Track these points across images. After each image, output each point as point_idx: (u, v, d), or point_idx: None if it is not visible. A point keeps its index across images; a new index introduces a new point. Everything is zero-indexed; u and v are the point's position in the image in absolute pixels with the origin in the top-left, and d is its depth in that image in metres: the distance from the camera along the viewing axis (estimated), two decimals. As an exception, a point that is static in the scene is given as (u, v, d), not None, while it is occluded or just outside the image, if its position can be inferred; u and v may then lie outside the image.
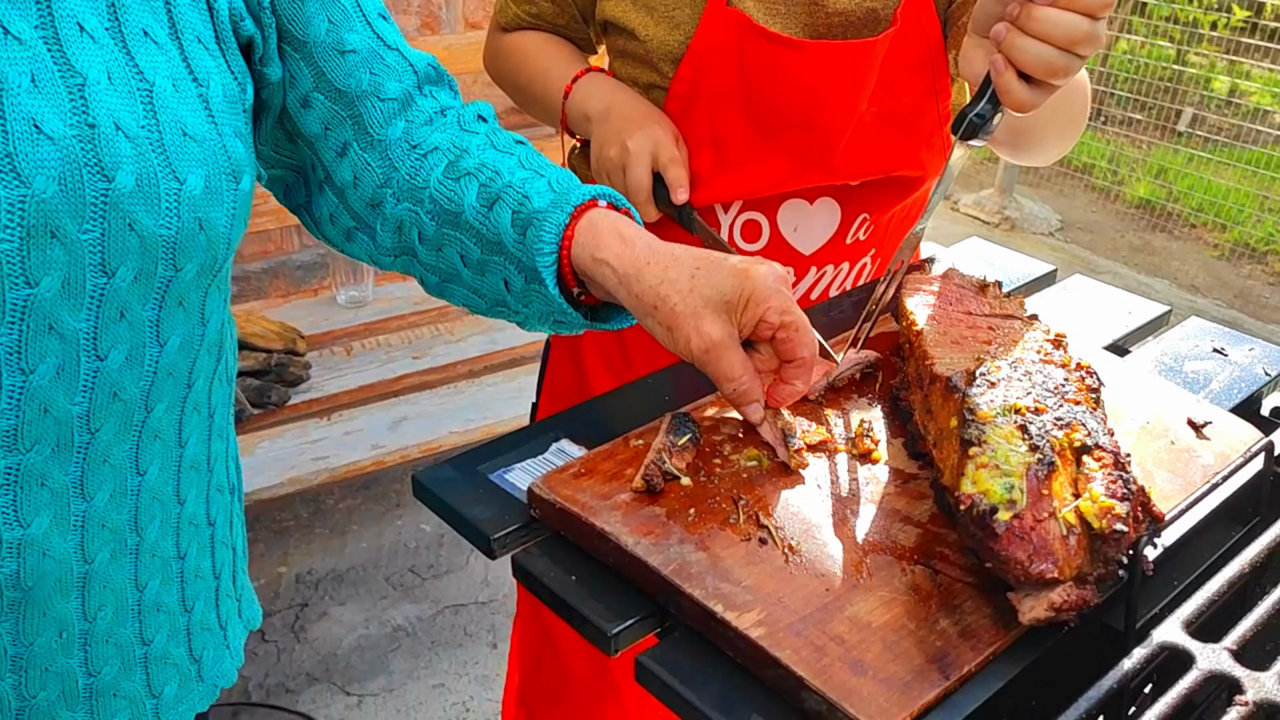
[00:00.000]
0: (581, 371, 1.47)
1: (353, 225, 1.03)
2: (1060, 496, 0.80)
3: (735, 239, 1.33)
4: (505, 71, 1.46)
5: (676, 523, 0.89)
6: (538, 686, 1.61)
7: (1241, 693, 0.78)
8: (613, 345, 1.44)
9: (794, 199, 1.32)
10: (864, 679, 0.76)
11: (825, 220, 1.33)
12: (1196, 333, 1.26)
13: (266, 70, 0.94)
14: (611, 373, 1.44)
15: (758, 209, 1.32)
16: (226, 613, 1.10)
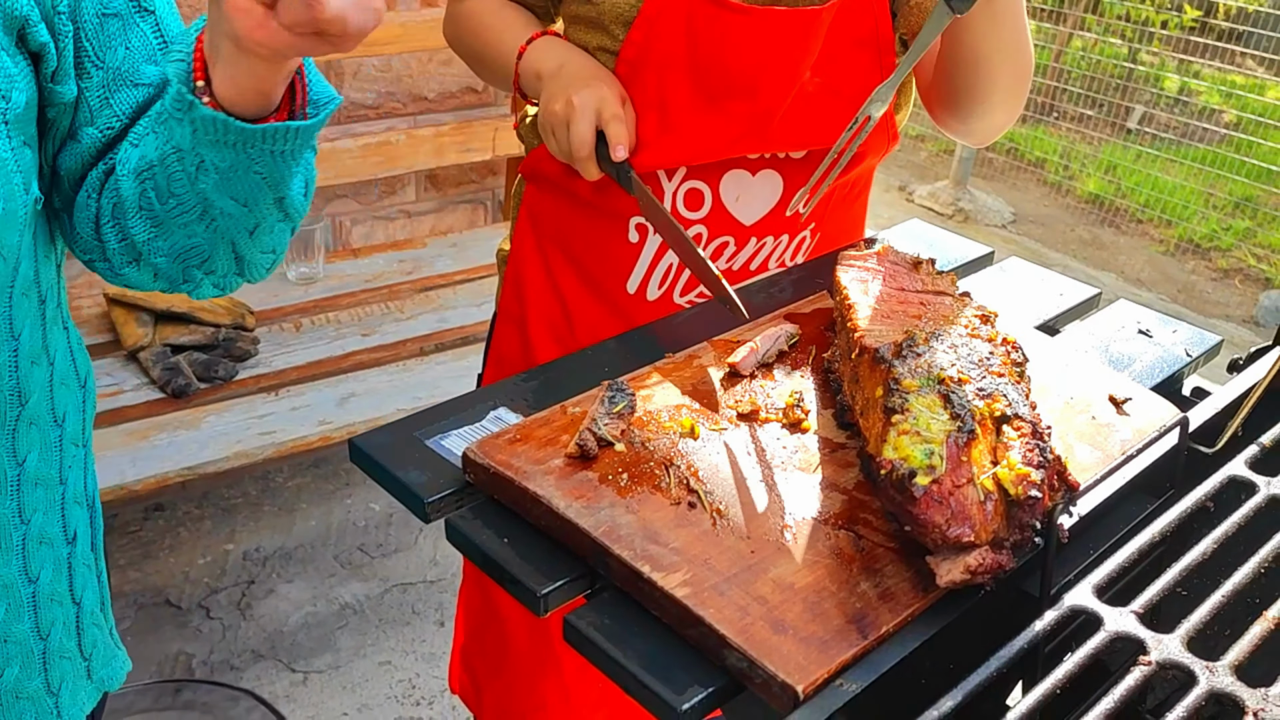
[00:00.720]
0: (527, 341, 1.48)
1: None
2: (979, 464, 0.83)
3: (678, 207, 1.34)
4: (463, 38, 1.47)
5: (608, 487, 0.90)
6: (481, 655, 1.62)
7: (1146, 653, 0.81)
8: (558, 315, 1.45)
9: (737, 169, 1.33)
10: (784, 638, 0.78)
11: (767, 191, 1.35)
12: (1125, 315, 1.30)
13: (59, 88, 0.89)
14: (558, 343, 1.46)
15: (701, 177, 1.34)
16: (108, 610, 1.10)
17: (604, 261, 1.40)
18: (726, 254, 1.38)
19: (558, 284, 1.44)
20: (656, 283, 1.39)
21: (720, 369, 1.08)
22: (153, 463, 2.05)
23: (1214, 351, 1.25)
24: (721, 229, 1.36)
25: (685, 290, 1.40)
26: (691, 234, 1.36)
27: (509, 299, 1.51)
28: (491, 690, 1.64)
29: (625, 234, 1.37)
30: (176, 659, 2.53)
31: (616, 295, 1.41)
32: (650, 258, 1.38)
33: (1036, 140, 5.95)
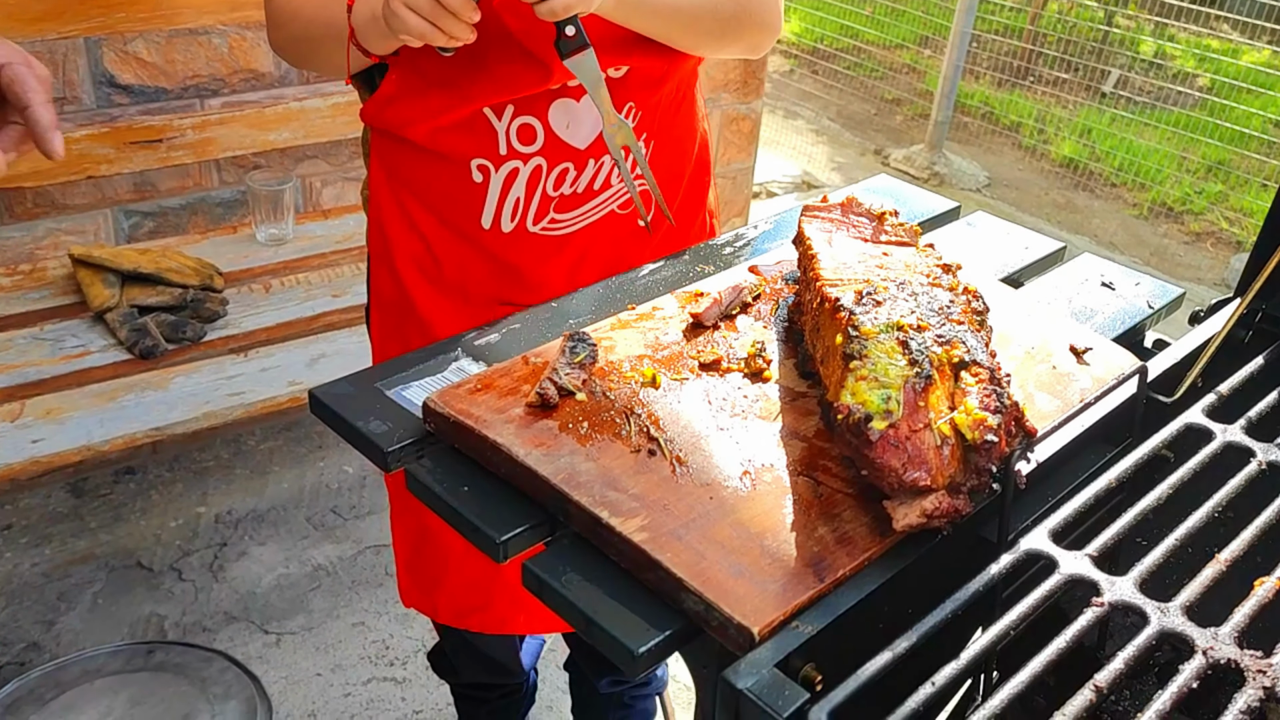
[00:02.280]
0: (399, 282, 1.47)
1: None
2: (936, 409, 0.83)
3: (512, 143, 1.34)
4: (289, 36, 1.40)
5: (568, 435, 0.90)
6: (423, 569, 1.65)
7: (1099, 595, 0.82)
8: (423, 253, 1.45)
9: (561, 98, 1.34)
10: (741, 581, 0.78)
11: (594, 114, 1.35)
12: (1088, 268, 1.30)
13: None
14: (429, 281, 1.46)
15: (529, 112, 1.33)
16: None
17: (453, 202, 1.40)
18: (569, 179, 1.39)
19: (416, 224, 1.44)
20: (508, 216, 1.39)
21: (683, 320, 1.07)
22: (121, 424, 2.03)
23: (1176, 304, 1.26)
24: (559, 157, 1.36)
25: (536, 219, 1.40)
26: (531, 166, 1.36)
27: (376, 241, 1.50)
28: (441, 594, 1.67)
29: (468, 176, 1.37)
30: (149, 621, 2.52)
31: (473, 231, 1.41)
32: (497, 195, 1.38)
33: (1012, 104, 5.95)
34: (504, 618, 1.70)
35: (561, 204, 1.40)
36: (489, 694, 2.01)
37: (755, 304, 1.11)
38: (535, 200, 1.39)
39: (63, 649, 2.42)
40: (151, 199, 2.70)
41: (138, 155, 2.51)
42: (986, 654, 0.77)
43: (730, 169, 3.66)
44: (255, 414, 2.14)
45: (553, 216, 1.41)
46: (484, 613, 1.67)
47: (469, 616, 1.67)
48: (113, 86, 2.53)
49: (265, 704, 2.30)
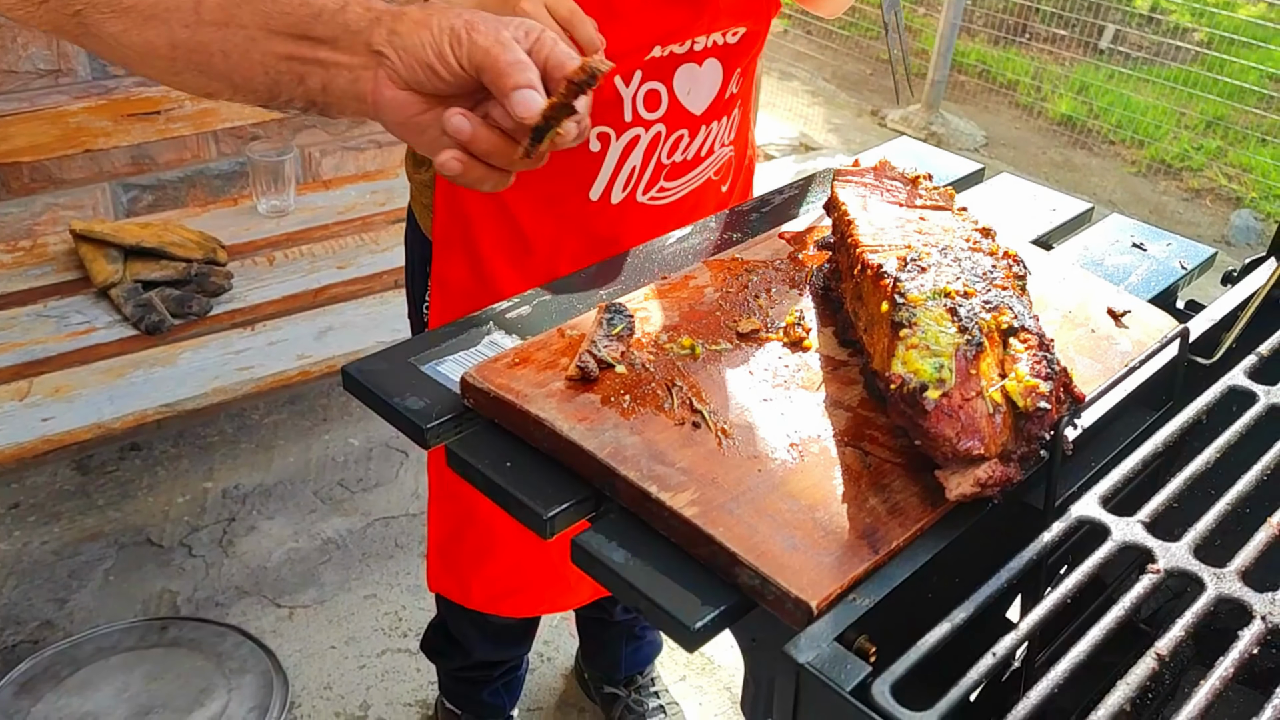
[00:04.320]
0: (480, 267, 1.43)
1: None
2: (987, 376, 0.82)
3: (639, 110, 1.32)
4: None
5: (611, 409, 0.89)
6: (462, 552, 1.64)
7: (1154, 562, 0.81)
8: (508, 235, 1.41)
9: (686, 63, 1.32)
10: (796, 554, 0.77)
11: (712, 79, 1.35)
12: (1118, 229, 1.29)
13: None
14: (513, 265, 1.43)
15: (656, 77, 1.31)
16: None
17: (563, 174, 1.36)
18: (682, 146, 1.38)
19: (507, 205, 1.40)
20: (620, 186, 1.37)
21: (717, 287, 1.06)
22: (130, 400, 2.01)
23: (1207, 264, 1.25)
24: (678, 123, 1.35)
25: (647, 188, 1.39)
26: (651, 134, 1.35)
27: (449, 227, 1.44)
28: (478, 580, 1.66)
29: (586, 145, 1.33)
30: (161, 597, 2.52)
31: (578, 205, 1.38)
32: (614, 164, 1.35)
33: (1008, 62, 5.91)
34: (540, 599, 1.70)
35: (672, 171, 1.39)
36: (493, 671, 2.02)
37: (788, 269, 1.10)
38: (650, 168, 1.37)
39: (76, 626, 2.41)
40: (150, 172, 2.66)
41: (136, 127, 2.48)
42: (1044, 623, 0.77)
43: (730, 132, 3.63)
44: (264, 388, 2.13)
45: (661, 185, 1.39)
46: (520, 595, 1.66)
47: (503, 601, 1.66)
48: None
49: (281, 677, 2.31)
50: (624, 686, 2.18)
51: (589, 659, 2.26)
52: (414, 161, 1.49)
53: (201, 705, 2.23)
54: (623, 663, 2.16)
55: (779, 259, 1.11)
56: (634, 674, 2.19)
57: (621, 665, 2.16)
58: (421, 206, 1.49)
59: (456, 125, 0.84)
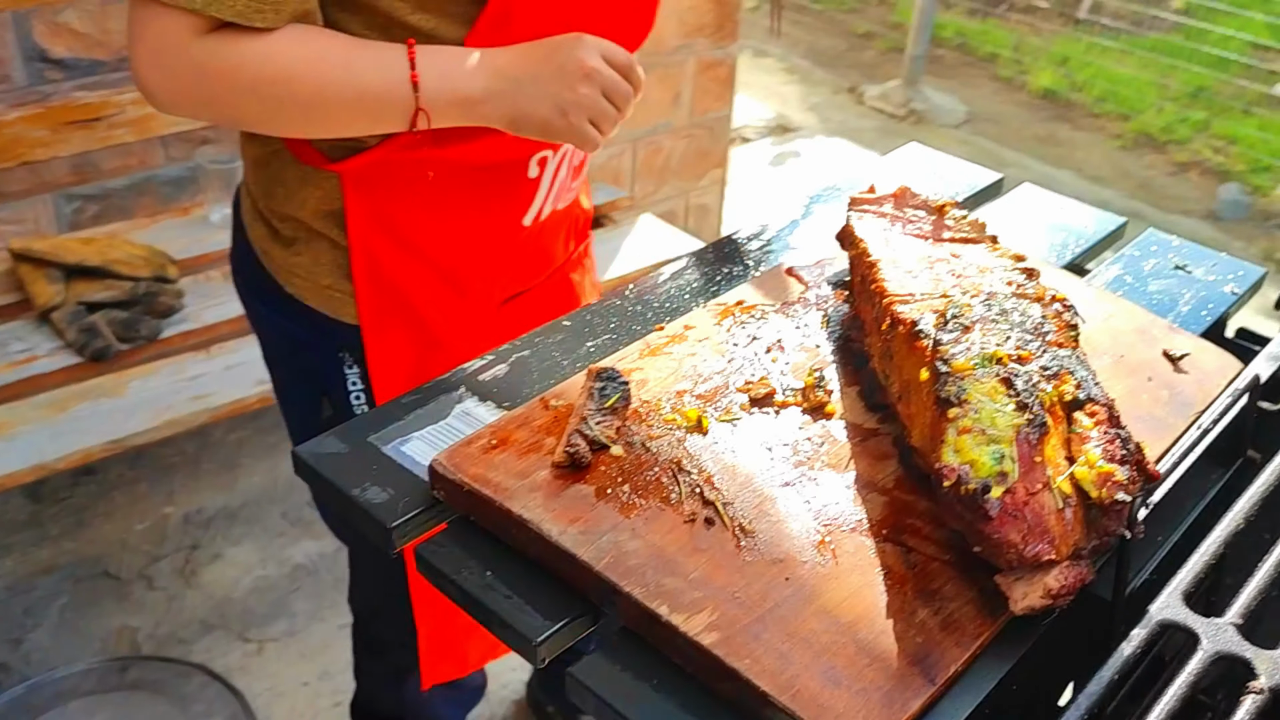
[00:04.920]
0: (421, 329, 1.30)
1: None
2: (1054, 463, 0.69)
3: None
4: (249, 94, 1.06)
5: (608, 504, 0.75)
6: (453, 633, 1.53)
7: (1254, 677, 0.69)
8: (433, 276, 1.28)
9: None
10: (838, 690, 0.65)
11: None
12: (1157, 248, 1.16)
13: None
14: (453, 314, 1.30)
15: None
16: None
17: (498, 209, 1.25)
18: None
19: (435, 261, 1.26)
20: (550, 204, 1.30)
21: (722, 338, 0.93)
22: (74, 436, 1.86)
23: (1258, 286, 1.13)
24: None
25: (560, 196, 1.31)
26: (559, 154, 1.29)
27: (376, 302, 1.28)
28: (473, 641, 1.56)
29: (523, 174, 1.23)
30: (120, 634, 2.37)
31: (511, 232, 1.27)
32: (548, 183, 1.26)
33: (987, 34, 5.77)
34: None
35: (576, 171, 1.31)
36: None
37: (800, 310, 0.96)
38: (566, 175, 1.28)
39: (33, 668, 2.27)
40: (94, 180, 2.49)
41: (75, 136, 2.30)
42: (1137, 765, 0.65)
43: (706, 118, 3.48)
44: (221, 417, 1.98)
45: (570, 186, 1.32)
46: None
47: (496, 648, 1.57)
48: (45, 61, 2.32)
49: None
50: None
51: (551, 692, 2.17)
52: (281, 244, 1.31)
53: (166, 754, 2.09)
54: None
55: (789, 301, 0.98)
56: None
57: None
58: (318, 289, 1.30)
59: None
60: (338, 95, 1.05)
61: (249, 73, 1.04)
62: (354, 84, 1.05)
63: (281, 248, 1.29)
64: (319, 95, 1.06)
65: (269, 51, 1.03)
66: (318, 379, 1.38)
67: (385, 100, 1.05)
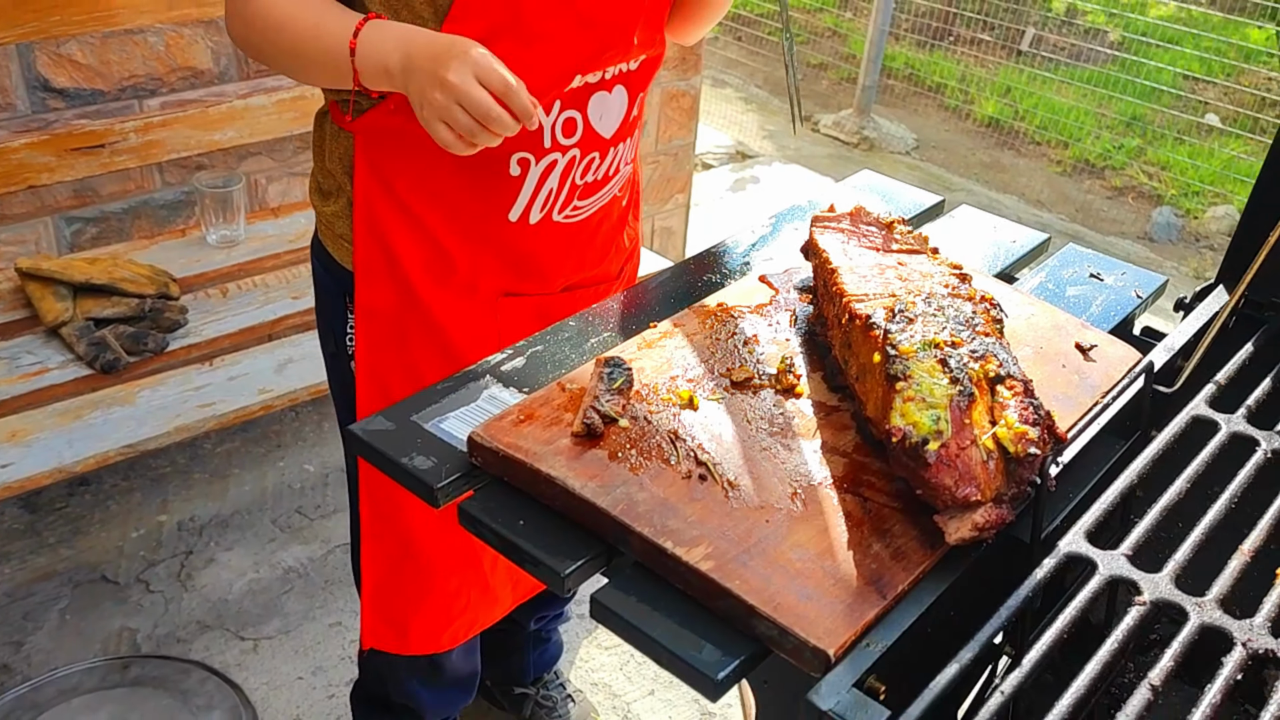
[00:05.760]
0: (408, 290, 1.44)
1: None
2: (980, 424, 0.87)
3: (557, 137, 1.36)
4: (262, 40, 1.31)
5: (620, 464, 0.92)
6: (401, 596, 1.64)
7: (1139, 594, 0.87)
8: (434, 257, 1.43)
9: (599, 91, 1.37)
10: (810, 604, 0.81)
11: (619, 105, 1.41)
12: (1075, 260, 1.35)
13: None
14: (439, 284, 1.45)
15: (573, 106, 1.36)
16: None
17: (481, 197, 1.40)
18: (594, 167, 1.43)
19: (426, 226, 1.41)
20: (538, 207, 1.41)
21: (706, 335, 1.10)
22: (90, 442, 1.99)
23: (1160, 292, 1.32)
24: (591, 147, 1.40)
25: (562, 208, 1.43)
26: (568, 158, 1.39)
27: (369, 254, 1.44)
28: (417, 621, 1.66)
29: (505, 170, 1.37)
30: (120, 635, 2.48)
31: (497, 225, 1.42)
32: (533, 187, 1.39)
33: (935, 65, 6.04)
34: (473, 622, 1.72)
35: (584, 191, 1.43)
36: None
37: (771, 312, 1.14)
38: (565, 190, 1.41)
39: (34, 669, 2.37)
40: (93, 204, 2.62)
41: (80, 162, 2.44)
42: (1048, 658, 0.82)
43: (671, 146, 3.67)
44: (227, 424, 2.11)
45: (575, 204, 1.44)
46: (456, 623, 1.67)
47: (441, 635, 1.66)
48: (47, 91, 2.45)
49: (250, 711, 2.29)
50: (532, 686, 2.22)
51: (492, 665, 2.24)
52: (321, 194, 1.51)
53: (170, 744, 2.20)
54: (530, 667, 2.19)
55: (763, 303, 1.15)
56: (541, 674, 2.23)
57: (529, 670, 2.19)
58: (335, 238, 1.50)
59: None
60: (307, 49, 1.27)
61: (258, 24, 1.29)
62: (318, 42, 1.25)
63: (320, 199, 1.50)
64: (295, 47, 1.28)
65: (263, 8, 1.27)
66: (330, 319, 1.58)
67: (337, 59, 1.24)
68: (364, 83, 1.24)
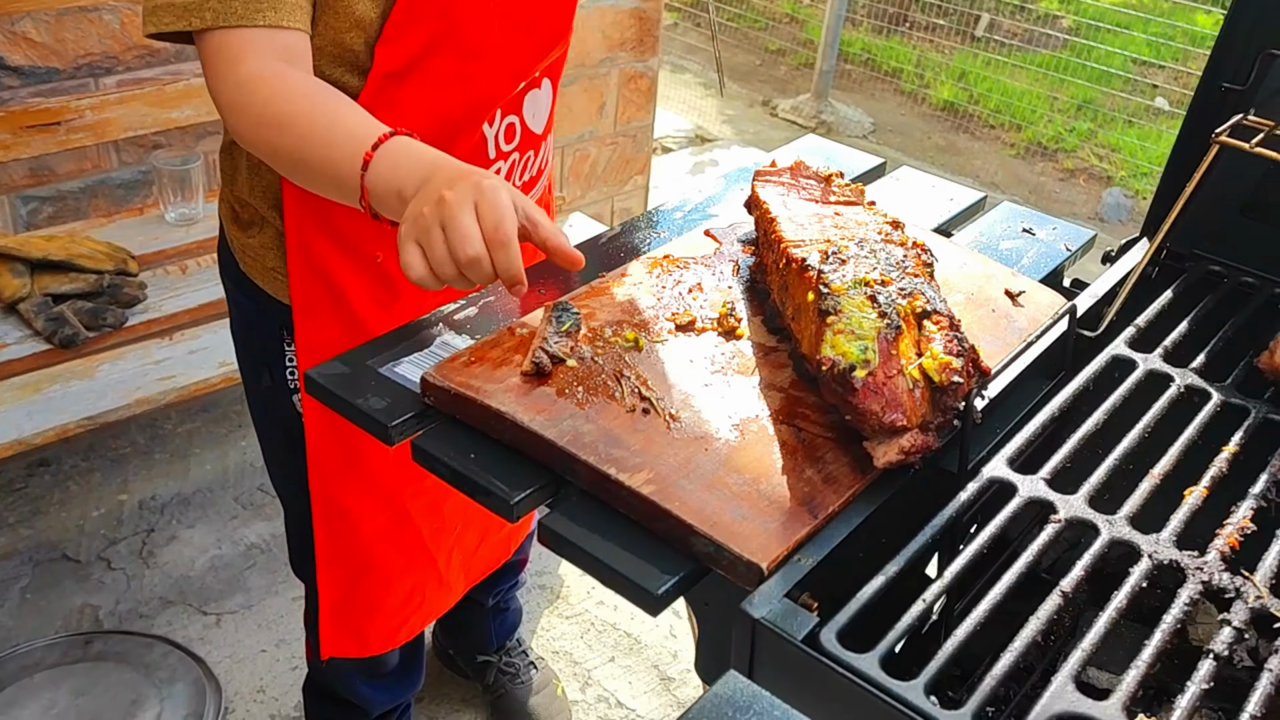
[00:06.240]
0: (355, 321, 1.36)
1: None
2: (906, 355, 0.92)
3: (500, 144, 1.34)
4: (266, 130, 1.09)
5: (567, 400, 0.96)
6: (355, 608, 1.63)
7: (1055, 513, 0.92)
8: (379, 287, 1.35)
9: (531, 90, 1.34)
10: (745, 523, 0.86)
11: (547, 98, 1.38)
12: (1009, 216, 1.40)
13: None
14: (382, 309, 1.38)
15: (512, 111, 1.32)
16: None
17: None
18: (529, 165, 1.42)
19: (369, 256, 1.34)
20: None
21: (652, 283, 1.14)
22: (49, 415, 2.00)
23: (1089, 245, 1.38)
24: (528, 146, 1.39)
25: None
26: (509, 163, 1.36)
27: (307, 288, 1.34)
28: (375, 626, 1.67)
29: None
30: (82, 612, 2.49)
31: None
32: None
33: (891, 50, 6.11)
34: (429, 613, 1.74)
35: (522, 191, 1.41)
36: (392, 716, 2.00)
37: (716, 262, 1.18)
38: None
39: (-5, 646, 2.38)
40: (49, 183, 2.62)
41: (35, 140, 2.44)
42: (965, 572, 0.87)
43: (630, 127, 3.71)
44: (188, 396, 2.13)
45: None
46: (414, 618, 1.69)
47: (398, 632, 1.68)
48: (2, 69, 2.44)
49: (213, 684, 2.31)
50: (495, 654, 2.24)
51: (454, 638, 2.28)
52: (239, 225, 1.40)
53: (133, 716, 2.22)
54: (493, 637, 2.22)
55: (707, 255, 1.19)
56: (504, 642, 2.26)
57: (492, 639, 2.22)
58: (265, 271, 1.40)
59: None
60: (312, 155, 1.07)
61: (252, 118, 1.09)
62: (322, 143, 1.06)
63: (240, 230, 1.40)
64: (298, 152, 1.08)
65: (266, 93, 1.08)
66: (262, 353, 1.49)
67: (343, 165, 1.04)
68: (373, 205, 1.03)
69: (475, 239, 0.93)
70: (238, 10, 1.09)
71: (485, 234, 0.93)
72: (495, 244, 0.93)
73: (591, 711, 2.34)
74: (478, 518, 1.70)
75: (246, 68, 1.09)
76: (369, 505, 1.51)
